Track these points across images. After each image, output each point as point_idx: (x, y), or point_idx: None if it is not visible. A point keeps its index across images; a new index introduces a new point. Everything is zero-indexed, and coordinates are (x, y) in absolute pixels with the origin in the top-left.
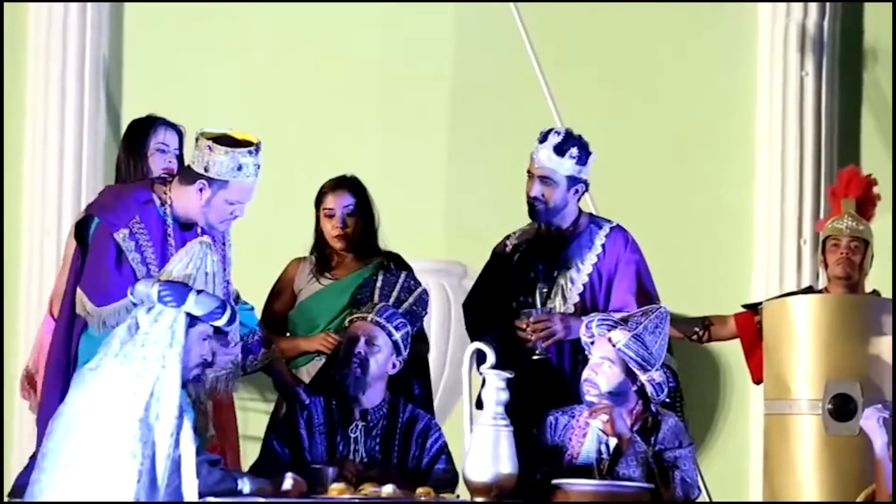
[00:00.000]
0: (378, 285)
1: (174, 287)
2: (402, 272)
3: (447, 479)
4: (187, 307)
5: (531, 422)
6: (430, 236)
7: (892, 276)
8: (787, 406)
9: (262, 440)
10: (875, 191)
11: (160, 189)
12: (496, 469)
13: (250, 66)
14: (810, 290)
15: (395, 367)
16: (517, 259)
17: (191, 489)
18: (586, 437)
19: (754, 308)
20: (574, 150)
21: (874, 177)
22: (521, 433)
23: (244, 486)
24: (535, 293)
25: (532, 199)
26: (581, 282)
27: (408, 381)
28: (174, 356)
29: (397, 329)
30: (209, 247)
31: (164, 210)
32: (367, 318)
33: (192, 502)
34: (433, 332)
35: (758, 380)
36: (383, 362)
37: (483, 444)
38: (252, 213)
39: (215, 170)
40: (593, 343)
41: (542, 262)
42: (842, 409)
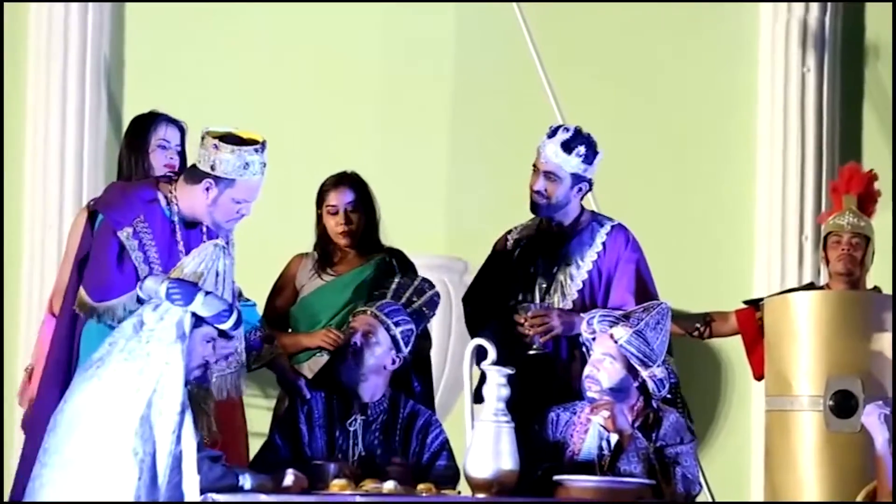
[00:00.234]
0: (393, 288)
1: (183, 286)
2: (417, 276)
3: (448, 476)
4: (194, 307)
5: (531, 418)
6: (432, 232)
7: (892, 273)
8: (789, 402)
9: (267, 435)
10: (876, 187)
11: (165, 188)
12: (497, 465)
13: (251, 66)
14: (812, 286)
15: (394, 362)
16: (517, 254)
17: (192, 486)
18: (588, 433)
19: (755, 304)
20: (581, 149)
21: (875, 173)
22: (522, 429)
23: (245, 482)
24: (535, 288)
25: (535, 192)
26: (581, 279)
27: (409, 377)
28: (178, 353)
29: (397, 325)
30: (223, 249)
31: (169, 209)
32: (368, 312)
33: (193, 502)
34: (434, 329)
35: (759, 376)
36: (380, 356)
37: (484, 441)
38: (255, 210)
39: (222, 168)
40: (594, 339)
41: (542, 257)
42: (843, 405)
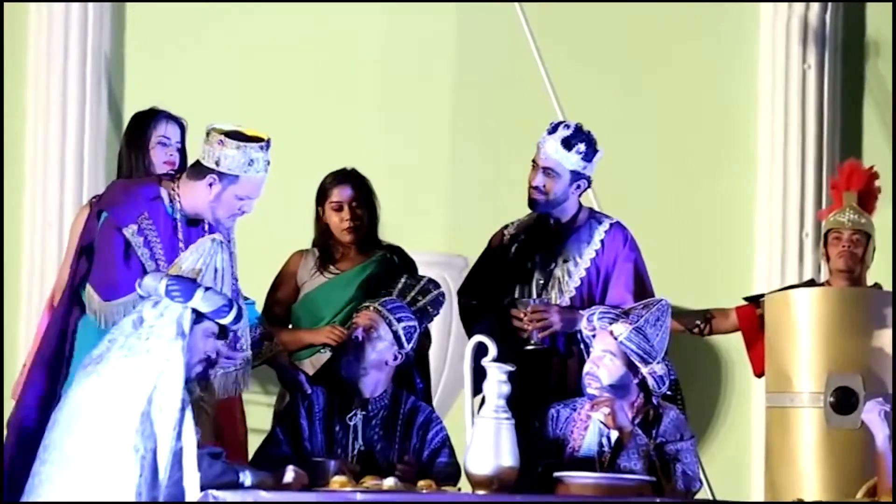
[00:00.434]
0: (399, 287)
1: (182, 282)
2: (424, 277)
3: (449, 473)
4: (194, 303)
5: (531, 414)
6: (432, 229)
7: (892, 269)
8: (789, 399)
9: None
10: (877, 184)
11: (168, 185)
12: (497, 462)
13: (252, 64)
14: (812, 283)
15: (395, 358)
16: (515, 249)
17: (192, 482)
18: (588, 429)
19: (756, 301)
20: (581, 146)
21: (876, 169)
22: (522, 426)
23: (245, 479)
24: (532, 284)
25: (533, 188)
26: (578, 276)
27: (411, 374)
28: (178, 350)
29: (399, 321)
30: (220, 244)
31: (172, 206)
32: (371, 308)
33: (193, 502)
34: (434, 327)
35: (759, 373)
36: (382, 351)
37: (484, 437)
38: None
39: (226, 164)
40: (595, 336)
41: (539, 253)
42: (843, 402)
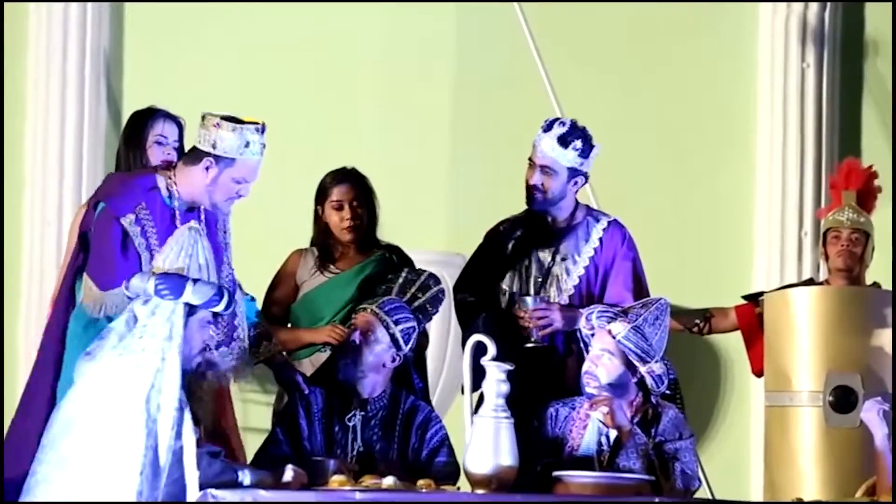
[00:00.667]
0: (399, 283)
1: (170, 280)
2: (424, 272)
3: (448, 472)
4: (185, 298)
5: (529, 413)
6: (432, 228)
7: (891, 269)
8: (788, 398)
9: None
10: (876, 183)
11: (165, 174)
12: (497, 461)
13: (253, 64)
14: (811, 282)
15: (393, 360)
16: (511, 246)
17: (192, 481)
18: (587, 428)
19: (755, 300)
20: (578, 143)
21: (875, 168)
22: (521, 424)
23: (245, 478)
24: (530, 282)
25: (531, 187)
26: (577, 274)
27: (409, 373)
28: (173, 348)
29: (397, 323)
30: (198, 232)
31: (169, 196)
32: (368, 310)
33: (193, 502)
34: (434, 326)
35: (758, 372)
36: (379, 354)
37: (483, 436)
38: (257, 207)
39: (222, 147)
40: (593, 335)
41: (537, 251)
42: (842, 400)
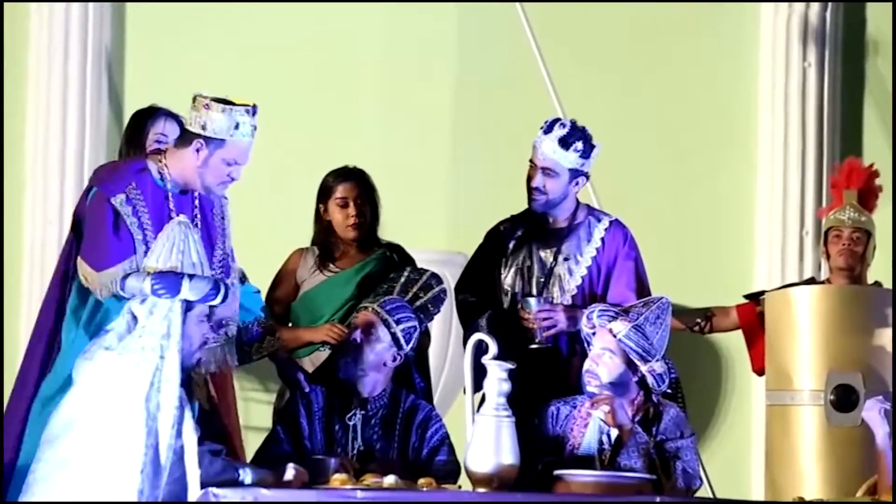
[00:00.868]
0: (401, 282)
1: (166, 278)
2: (427, 271)
3: (449, 470)
4: (182, 295)
5: (530, 411)
6: (433, 227)
7: (892, 267)
8: (789, 397)
9: (271, 429)
10: (877, 182)
11: (155, 158)
12: (498, 460)
13: (254, 63)
14: (812, 281)
15: (394, 359)
16: (513, 246)
17: (193, 480)
18: (588, 427)
19: (756, 299)
20: (579, 144)
21: (876, 168)
22: (522, 423)
23: (246, 476)
24: (532, 282)
25: (533, 189)
26: (580, 274)
27: (410, 372)
28: (172, 346)
29: (399, 322)
30: (188, 227)
31: (161, 178)
32: (370, 309)
33: (194, 501)
34: (435, 325)
35: (759, 370)
36: (380, 353)
37: (485, 435)
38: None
39: (212, 128)
40: (594, 333)
41: (539, 251)
42: (844, 399)
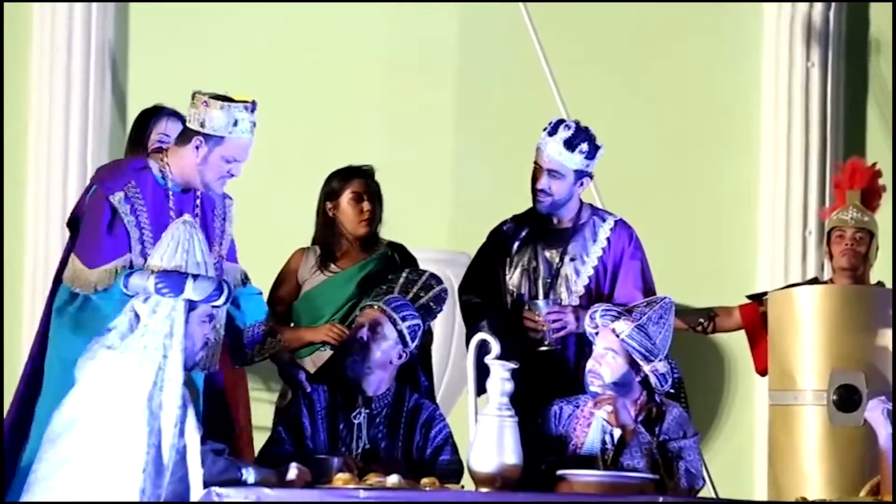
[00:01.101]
0: (401, 282)
1: (170, 277)
2: (426, 272)
3: (452, 470)
4: (186, 294)
5: (536, 412)
6: (435, 227)
7: (894, 267)
8: (792, 397)
9: (272, 429)
10: (880, 182)
11: (156, 157)
12: (501, 459)
13: (257, 63)
14: (815, 281)
15: (400, 357)
16: (517, 246)
17: (196, 479)
18: (590, 427)
19: (759, 299)
20: (584, 146)
21: (879, 167)
22: (526, 423)
23: (248, 475)
24: (538, 283)
25: (539, 191)
26: (587, 274)
27: (415, 371)
28: (175, 346)
29: (404, 320)
30: (193, 226)
31: (162, 177)
32: (375, 307)
33: (197, 501)
34: (438, 324)
35: (762, 371)
36: (387, 350)
37: (488, 435)
38: (260, 206)
39: (211, 125)
40: (597, 333)
41: (544, 251)
42: (846, 399)
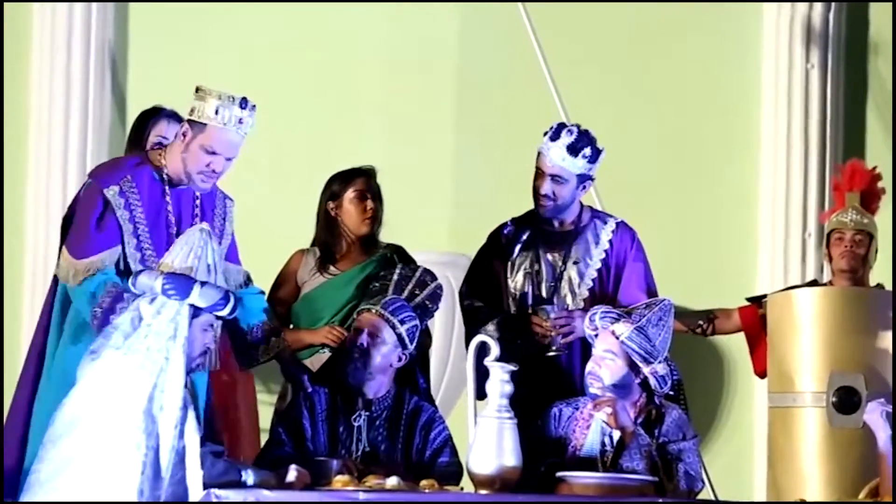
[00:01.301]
0: (394, 279)
1: (178, 280)
2: (419, 267)
3: (451, 472)
4: (191, 300)
5: (535, 414)
6: (435, 229)
7: (893, 269)
8: (791, 399)
9: (270, 431)
10: (879, 184)
11: (154, 154)
12: (500, 461)
13: (257, 64)
14: (815, 283)
15: (400, 360)
16: (518, 250)
17: (195, 481)
18: (590, 429)
19: (758, 301)
20: (587, 150)
21: (879, 170)
22: (525, 425)
23: (248, 477)
24: (542, 286)
25: (542, 196)
26: (590, 277)
27: (414, 373)
28: (178, 348)
29: (403, 322)
30: (209, 234)
31: (159, 173)
32: (373, 311)
33: (196, 502)
34: (437, 326)
35: (762, 373)
36: (387, 354)
37: (487, 437)
38: (260, 206)
39: (196, 114)
40: (597, 336)
41: (547, 255)
42: (846, 401)
